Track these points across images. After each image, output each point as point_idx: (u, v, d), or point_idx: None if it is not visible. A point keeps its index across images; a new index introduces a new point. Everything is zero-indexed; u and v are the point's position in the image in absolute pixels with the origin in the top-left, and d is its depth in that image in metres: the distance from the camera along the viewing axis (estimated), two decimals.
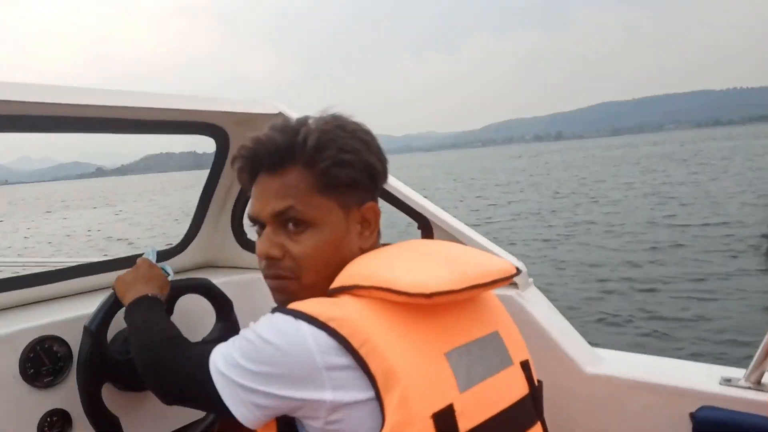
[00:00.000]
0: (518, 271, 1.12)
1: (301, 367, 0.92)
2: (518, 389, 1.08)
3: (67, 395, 1.50)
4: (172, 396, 1.16)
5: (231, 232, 2.10)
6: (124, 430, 1.49)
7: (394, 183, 1.66)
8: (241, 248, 2.11)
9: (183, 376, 1.11)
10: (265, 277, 1.12)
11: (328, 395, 0.92)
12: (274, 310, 1.03)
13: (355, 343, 0.91)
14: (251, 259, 2.09)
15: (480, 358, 1.03)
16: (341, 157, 1.06)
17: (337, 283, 1.03)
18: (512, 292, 1.56)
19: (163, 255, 2.00)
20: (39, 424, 1.45)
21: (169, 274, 1.57)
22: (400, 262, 1.06)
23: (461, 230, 1.61)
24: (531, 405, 1.10)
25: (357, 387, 0.92)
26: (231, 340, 1.04)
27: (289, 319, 0.96)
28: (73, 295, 1.75)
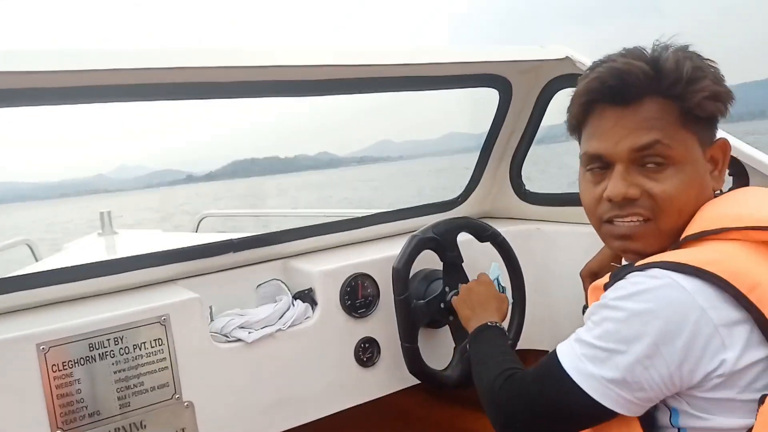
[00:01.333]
0: None
1: (694, 331, 0.83)
2: None
3: (376, 326, 1.70)
4: (529, 428, 1.03)
5: (509, 183, 2.15)
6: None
7: None
8: (518, 199, 2.14)
9: (538, 403, 1.00)
10: (610, 220, 1.04)
11: (729, 355, 0.83)
12: (627, 271, 0.93)
13: (743, 288, 0.82)
14: (529, 210, 2.12)
15: None
16: (716, 89, 0.97)
17: (694, 229, 0.94)
18: None
19: (442, 207, 2.13)
20: (356, 347, 1.67)
21: (505, 290, 1.66)
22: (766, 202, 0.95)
23: None
24: None
25: (752, 344, 0.83)
26: (582, 332, 0.95)
27: (659, 274, 0.87)
28: (376, 239, 1.97)
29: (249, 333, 1.52)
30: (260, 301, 1.70)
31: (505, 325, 1.79)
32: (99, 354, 1.33)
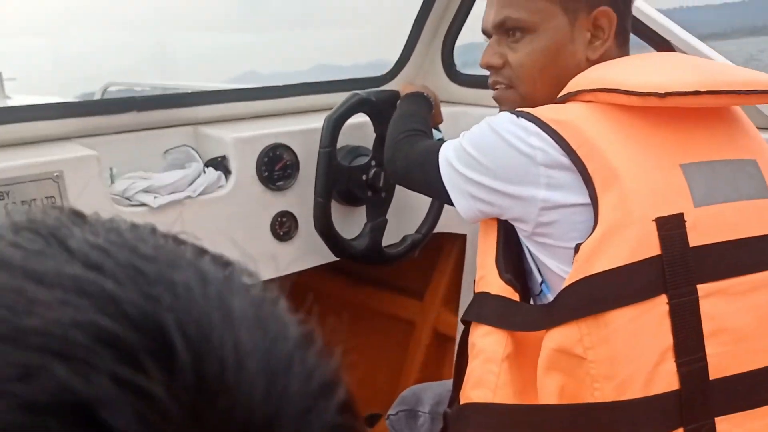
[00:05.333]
0: None
1: (519, 160, 0.93)
2: None
3: (294, 200, 1.63)
4: (398, 175, 1.29)
5: (440, 63, 2.05)
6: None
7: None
8: (448, 80, 2.06)
9: (413, 159, 1.21)
10: (490, 87, 1.15)
11: (540, 193, 0.92)
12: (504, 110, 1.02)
13: (573, 144, 0.89)
14: (459, 92, 2.05)
15: (727, 179, 0.93)
16: None
17: (563, 91, 1.00)
18: None
19: (370, 82, 2.01)
20: (272, 221, 1.60)
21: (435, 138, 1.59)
22: (637, 66, 0.98)
23: (713, 58, 1.41)
24: None
25: (572, 189, 0.90)
26: (464, 132, 1.06)
27: (515, 117, 0.96)
28: (296, 113, 1.85)
29: (155, 198, 1.41)
30: (168, 168, 1.57)
31: (426, 203, 1.77)
32: None
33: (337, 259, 1.65)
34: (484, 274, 1.03)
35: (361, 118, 1.62)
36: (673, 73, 0.93)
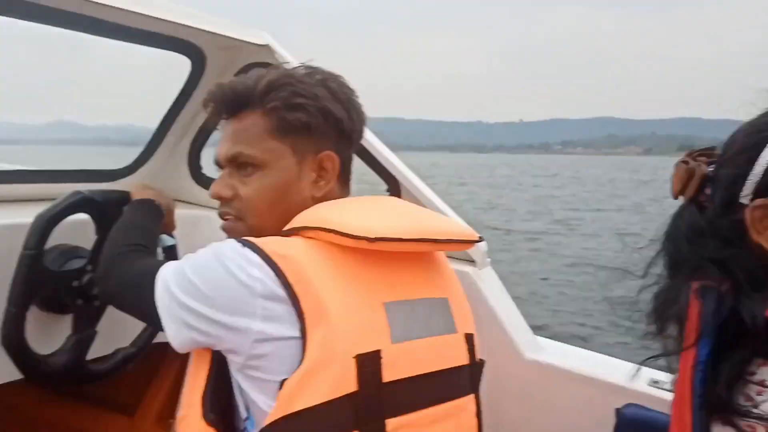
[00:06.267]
0: (480, 239, 1.13)
1: (238, 290, 0.93)
2: (457, 357, 1.08)
3: None
4: (109, 295, 1.19)
5: (186, 163, 1.97)
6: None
7: (371, 140, 1.59)
8: (193, 182, 1.99)
9: (128, 279, 1.13)
10: (220, 217, 1.16)
11: (256, 324, 0.92)
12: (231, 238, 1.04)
13: (291, 279, 0.92)
14: (203, 195, 1.98)
15: (422, 316, 1.03)
16: (292, 101, 1.07)
17: (289, 225, 1.05)
18: (469, 268, 1.56)
19: (107, 175, 1.85)
20: None
21: (165, 244, 1.48)
22: (355, 209, 1.06)
23: (431, 199, 1.58)
24: (467, 377, 1.10)
25: (286, 322, 0.92)
26: (188, 255, 1.04)
27: (240, 246, 0.97)
28: (11, 201, 1.60)
29: None
30: None
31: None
32: None
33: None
34: (187, 414, 0.98)
35: (83, 216, 1.45)
36: (385, 219, 1.01)
